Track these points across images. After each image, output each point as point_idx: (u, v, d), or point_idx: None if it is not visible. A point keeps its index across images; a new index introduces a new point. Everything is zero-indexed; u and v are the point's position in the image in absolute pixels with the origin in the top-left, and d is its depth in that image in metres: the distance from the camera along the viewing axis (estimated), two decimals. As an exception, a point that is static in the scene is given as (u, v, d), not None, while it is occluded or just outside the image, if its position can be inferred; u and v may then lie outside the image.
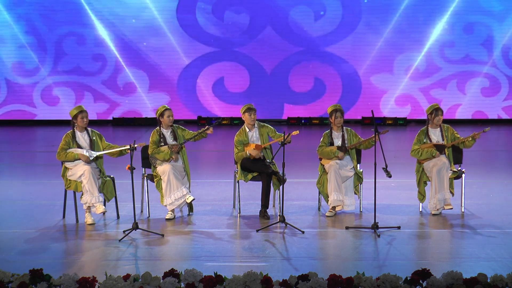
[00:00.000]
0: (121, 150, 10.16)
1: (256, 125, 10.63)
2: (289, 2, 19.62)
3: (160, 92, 19.87)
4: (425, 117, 10.77)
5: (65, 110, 19.05)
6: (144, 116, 19.80)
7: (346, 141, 10.47)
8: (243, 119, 10.61)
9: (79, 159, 10.05)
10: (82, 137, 10.21)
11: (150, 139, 10.34)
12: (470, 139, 10.36)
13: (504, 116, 19.73)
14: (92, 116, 18.79)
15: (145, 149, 10.52)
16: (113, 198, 10.27)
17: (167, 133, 10.40)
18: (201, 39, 19.75)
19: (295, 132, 10.18)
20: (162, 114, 10.38)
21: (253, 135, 10.58)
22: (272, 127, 10.66)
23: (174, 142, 10.36)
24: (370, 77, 19.71)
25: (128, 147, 9.87)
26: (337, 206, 10.40)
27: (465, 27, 19.50)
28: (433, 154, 10.33)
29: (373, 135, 10.09)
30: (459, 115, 19.74)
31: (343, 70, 19.76)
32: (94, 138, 10.25)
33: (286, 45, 19.76)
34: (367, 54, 19.68)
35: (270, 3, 19.62)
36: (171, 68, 19.85)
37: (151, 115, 19.64)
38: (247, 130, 10.60)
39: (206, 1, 19.61)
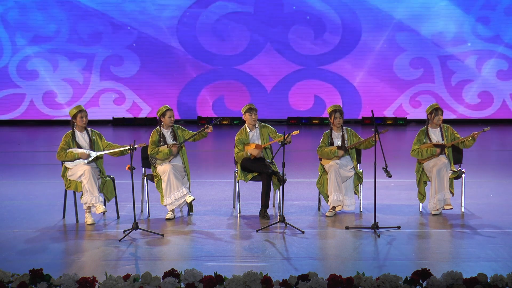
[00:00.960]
0: (121, 150, 10.16)
1: (257, 125, 10.63)
2: (288, 23, 19.66)
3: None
4: (425, 117, 10.76)
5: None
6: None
7: (346, 141, 10.47)
8: (244, 119, 10.62)
9: (79, 158, 10.05)
10: (81, 137, 10.21)
11: (150, 139, 10.34)
12: (470, 138, 10.36)
13: (508, 100, 19.69)
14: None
15: (145, 149, 10.52)
16: (113, 198, 10.27)
17: (167, 133, 10.40)
18: (202, 58, 19.78)
19: (295, 132, 10.18)
20: (163, 114, 10.38)
21: (254, 135, 10.58)
22: (272, 128, 10.66)
23: (174, 142, 10.36)
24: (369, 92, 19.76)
25: (128, 147, 9.88)
26: (337, 206, 10.40)
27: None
28: (433, 153, 10.32)
29: (373, 134, 10.09)
30: (466, 90, 19.72)
31: (343, 88, 19.76)
32: (94, 138, 10.25)
33: (286, 63, 19.77)
34: (365, 71, 19.70)
35: (270, 22, 19.68)
36: (171, 85, 19.86)
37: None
38: (248, 130, 10.60)
39: (206, 17, 19.67)
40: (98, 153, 10.16)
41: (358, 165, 10.61)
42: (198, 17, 19.62)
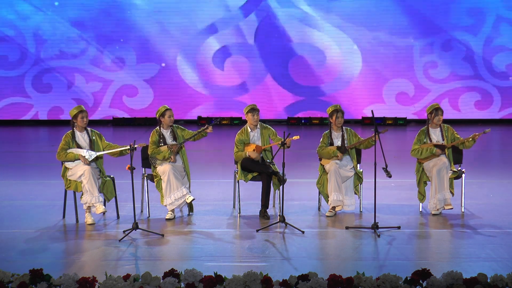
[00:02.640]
0: (121, 150, 10.16)
1: (258, 126, 10.63)
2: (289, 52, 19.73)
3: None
4: (425, 117, 10.77)
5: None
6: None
7: (345, 141, 10.47)
8: (246, 119, 10.61)
9: (79, 159, 10.05)
10: (81, 137, 10.21)
11: (150, 139, 10.34)
12: (470, 139, 10.36)
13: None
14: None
15: (145, 149, 10.52)
16: (113, 198, 10.27)
17: (166, 133, 10.40)
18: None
19: (295, 137, 10.16)
20: (163, 114, 10.38)
21: (255, 135, 10.58)
22: (273, 130, 10.66)
23: (174, 142, 10.36)
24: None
25: (128, 147, 9.88)
26: (337, 206, 10.40)
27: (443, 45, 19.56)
28: (434, 152, 10.32)
29: (373, 134, 10.09)
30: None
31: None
32: (94, 138, 10.25)
33: (285, 94, 19.83)
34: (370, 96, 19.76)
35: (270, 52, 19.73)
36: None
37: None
38: (249, 130, 10.60)
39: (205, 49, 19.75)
40: (98, 153, 10.16)
41: (358, 165, 10.61)
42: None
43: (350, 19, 19.54)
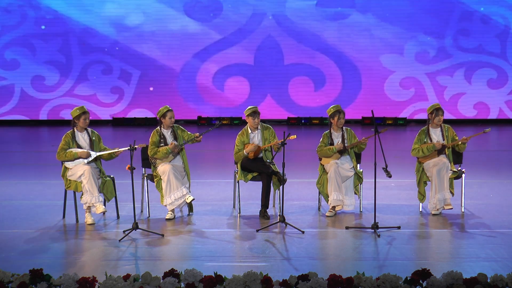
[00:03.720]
0: (110, 153, 10.17)
1: (259, 127, 10.62)
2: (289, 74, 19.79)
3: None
4: (425, 117, 10.77)
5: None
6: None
7: (346, 141, 10.47)
8: (247, 121, 10.61)
9: (79, 158, 10.05)
10: (82, 137, 10.22)
11: (150, 139, 10.34)
12: (460, 143, 10.39)
13: (505, 109, 19.67)
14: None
15: (145, 149, 10.52)
16: (113, 198, 10.27)
17: (167, 134, 10.40)
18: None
19: (292, 137, 10.15)
20: (164, 115, 10.38)
21: (255, 137, 10.57)
22: (273, 130, 10.66)
23: (175, 142, 10.36)
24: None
25: (118, 149, 9.97)
26: (337, 206, 10.40)
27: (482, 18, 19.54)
28: (434, 149, 10.31)
29: (363, 138, 10.21)
30: (461, 103, 19.70)
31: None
32: (94, 138, 10.26)
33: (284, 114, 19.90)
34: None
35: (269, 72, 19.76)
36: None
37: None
38: (250, 131, 10.60)
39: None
40: (99, 153, 10.16)
41: (358, 165, 10.61)
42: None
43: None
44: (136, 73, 19.87)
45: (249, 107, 10.62)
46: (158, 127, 10.44)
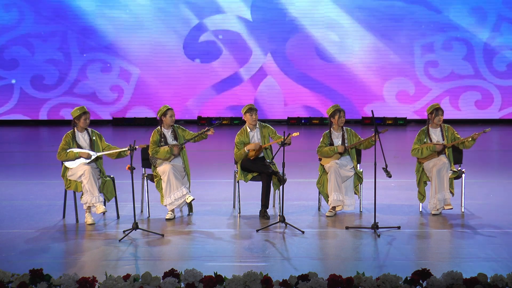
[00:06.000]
0: (120, 152, 10.17)
1: (257, 126, 10.62)
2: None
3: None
4: (425, 117, 10.76)
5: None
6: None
7: (346, 141, 10.47)
8: (245, 119, 10.61)
9: (80, 157, 10.05)
10: (82, 137, 10.22)
11: (151, 139, 10.34)
12: (470, 139, 10.36)
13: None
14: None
15: (145, 150, 10.52)
16: (113, 198, 10.27)
17: (167, 133, 10.40)
18: None
19: (295, 134, 10.17)
20: (164, 114, 10.38)
21: (255, 135, 10.57)
22: (273, 128, 10.66)
23: (175, 142, 10.37)
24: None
25: (127, 148, 9.89)
26: (337, 206, 10.40)
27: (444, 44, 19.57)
28: (434, 149, 10.31)
29: (373, 134, 10.10)
30: (462, 103, 19.72)
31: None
32: (94, 138, 10.26)
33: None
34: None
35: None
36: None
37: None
38: (248, 130, 10.60)
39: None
40: (99, 154, 10.16)
41: (358, 165, 10.61)
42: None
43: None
44: (136, 71, 19.87)
45: (245, 105, 10.63)
46: (159, 127, 10.44)
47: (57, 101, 19.83)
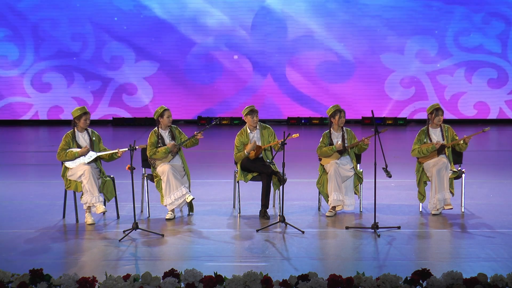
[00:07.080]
0: (111, 154, 10.17)
1: (258, 127, 10.62)
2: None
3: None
4: (425, 117, 10.77)
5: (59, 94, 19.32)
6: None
7: (346, 141, 10.47)
8: (245, 120, 10.60)
9: (80, 156, 10.05)
10: (82, 137, 10.22)
11: (148, 140, 10.33)
12: (462, 142, 10.38)
13: (506, 109, 19.67)
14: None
15: (145, 150, 10.51)
16: (113, 198, 10.27)
17: (165, 134, 10.40)
18: None
19: (295, 135, 10.16)
20: (161, 115, 10.38)
21: (255, 136, 10.57)
22: (273, 131, 10.66)
23: (173, 142, 10.36)
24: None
25: (117, 150, 10.00)
26: (337, 206, 10.40)
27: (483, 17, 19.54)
28: (434, 149, 10.31)
29: (362, 138, 10.19)
30: (461, 103, 19.71)
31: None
32: (94, 138, 10.26)
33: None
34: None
35: None
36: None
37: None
38: (248, 131, 10.59)
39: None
40: (99, 154, 10.17)
41: (358, 165, 10.61)
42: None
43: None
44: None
45: (246, 106, 10.63)
46: (156, 128, 10.43)
47: (57, 101, 19.84)
